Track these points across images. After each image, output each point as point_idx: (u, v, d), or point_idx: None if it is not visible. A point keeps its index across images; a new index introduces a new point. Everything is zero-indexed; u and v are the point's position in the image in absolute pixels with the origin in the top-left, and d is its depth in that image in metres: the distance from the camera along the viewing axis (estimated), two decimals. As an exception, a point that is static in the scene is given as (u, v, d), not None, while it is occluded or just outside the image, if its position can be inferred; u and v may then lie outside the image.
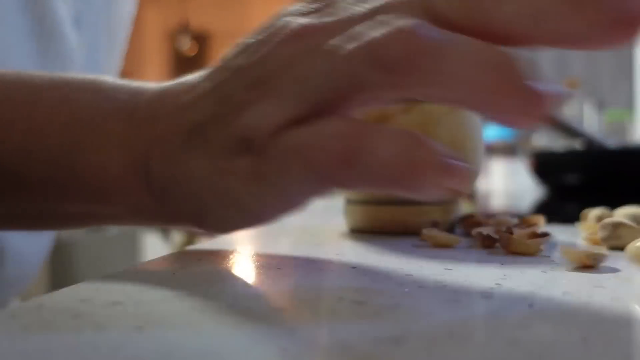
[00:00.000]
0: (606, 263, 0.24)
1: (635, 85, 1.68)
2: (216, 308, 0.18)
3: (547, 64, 1.76)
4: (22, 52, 0.43)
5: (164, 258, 0.27)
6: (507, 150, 1.00)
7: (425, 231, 0.30)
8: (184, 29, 4.69)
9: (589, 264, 0.23)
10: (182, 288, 0.21)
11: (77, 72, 0.48)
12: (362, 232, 0.36)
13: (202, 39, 4.81)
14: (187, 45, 4.68)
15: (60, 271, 1.77)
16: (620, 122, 1.38)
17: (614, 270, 0.23)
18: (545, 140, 1.35)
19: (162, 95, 0.26)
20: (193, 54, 4.72)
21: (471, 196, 0.70)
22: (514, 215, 0.37)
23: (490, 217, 0.35)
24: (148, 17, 4.91)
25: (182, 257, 0.28)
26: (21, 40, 0.43)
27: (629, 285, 0.21)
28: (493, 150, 1.03)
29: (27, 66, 0.43)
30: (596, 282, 0.21)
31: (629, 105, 1.69)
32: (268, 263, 0.26)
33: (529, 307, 0.18)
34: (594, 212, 0.32)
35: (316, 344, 0.15)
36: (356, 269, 0.24)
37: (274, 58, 0.22)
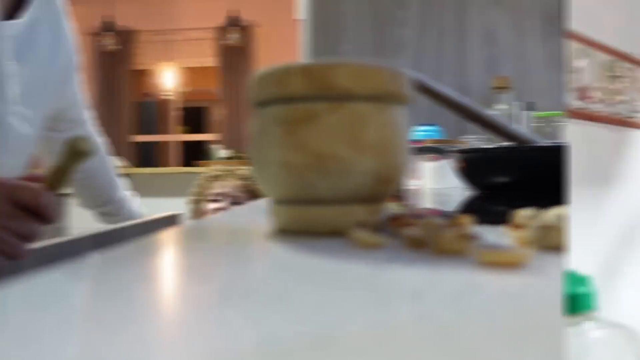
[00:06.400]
0: (534, 264, 0.24)
1: (566, 86, 1.75)
2: (134, 312, 0.17)
3: (477, 64, 1.81)
4: None
5: (69, 266, 0.25)
6: (435, 149, 1.02)
7: (352, 232, 0.30)
8: (108, 27, 4.54)
9: (515, 264, 0.23)
10: (100, 290, 0.20)
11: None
12: (290, 232, 0.35)
13: (126, 37, 4.68)
14: (111, 44, 4.55)
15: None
16: (551, 120, 1.43)
17: (543, 270, 0.23)
18: (473, 139, 1.38)
19: None
20: (117, 51, 4.60)
21: (399, 196, 0.70)
22: (442, 215, 0.36)
23: (418, 217, 0.35)
24: (73, 16, 4.74)
25: (99, 260, 0.26)
26: None
27: (557, 285, 0.21)
28: (421, 149, 1.04)
29: None
30: (525, 283, 0.21)
31: (560, 106, 1.75)
32: (192, 264, 0.25)
33: (458, 307, 0.17)
34: (523, 213, 0.32)
35: (241, 342, 0.14)
36: (282, 270, 0.24)
37: None
